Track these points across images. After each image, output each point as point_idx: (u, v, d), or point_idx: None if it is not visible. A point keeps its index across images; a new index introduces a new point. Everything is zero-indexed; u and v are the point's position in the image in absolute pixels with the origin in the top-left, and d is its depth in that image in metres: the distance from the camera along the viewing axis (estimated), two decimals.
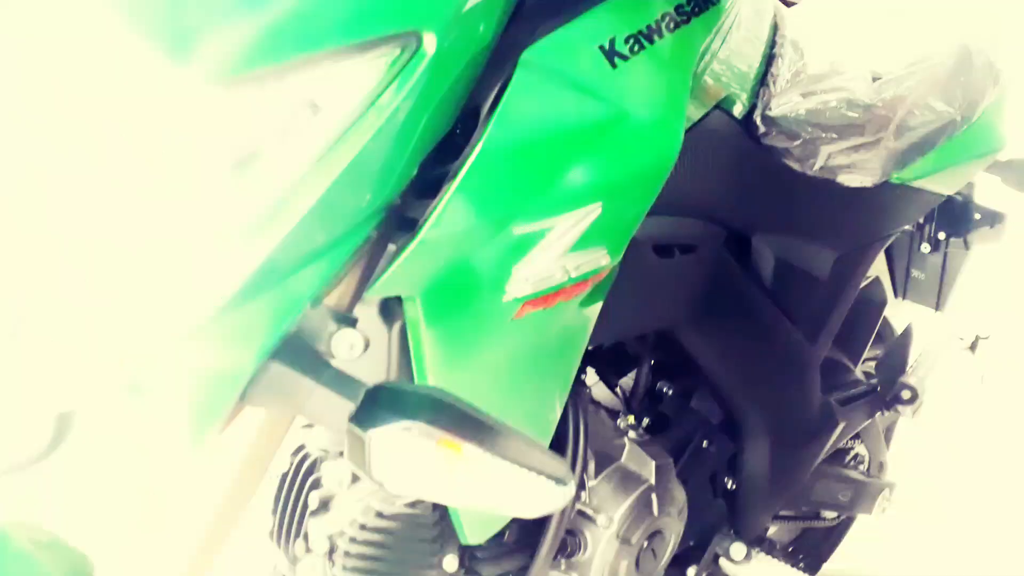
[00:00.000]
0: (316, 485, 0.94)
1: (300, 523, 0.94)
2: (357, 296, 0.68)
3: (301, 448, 0.97)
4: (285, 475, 0.96)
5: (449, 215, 0.64)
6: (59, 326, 0.55)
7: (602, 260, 0.73)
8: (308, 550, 0.93)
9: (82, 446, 0.73)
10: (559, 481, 0.62)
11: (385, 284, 0.66)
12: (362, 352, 0.66)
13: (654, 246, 0.90)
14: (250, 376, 0.59)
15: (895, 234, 1.24)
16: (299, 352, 0.62)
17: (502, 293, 0.69)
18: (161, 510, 0.69)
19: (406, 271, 0.66)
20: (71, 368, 0.55)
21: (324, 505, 0.92)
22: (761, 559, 1.19)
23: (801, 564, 1.77)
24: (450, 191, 0.64)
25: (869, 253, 1.19)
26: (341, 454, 0.94)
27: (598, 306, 0.79)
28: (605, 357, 1.17)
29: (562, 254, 0.70)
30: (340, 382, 0.62)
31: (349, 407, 0.61)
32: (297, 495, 0.94)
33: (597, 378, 1.19)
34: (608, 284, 0.77)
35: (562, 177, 0.67)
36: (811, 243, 1.11)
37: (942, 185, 1.18)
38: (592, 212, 0.69)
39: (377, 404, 0.61)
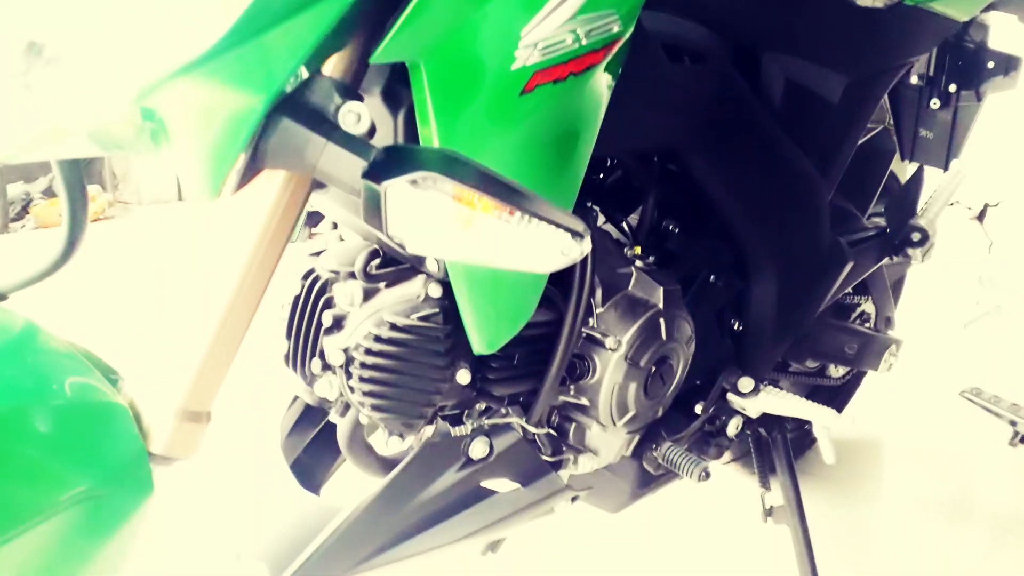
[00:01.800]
0: (328, 305, 0.94)
1: (315, 342, 0.95)
2: (361, 70, 0.67)
3: (311, 272, 0.97)
4: (297, 298, 0.97)
5: None
6: (70, 66, 0.55)
7: (613, 27, 0.71)
8: (324, 367, 0.94)
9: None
10: (576, 234, 0.62)
11: (388, 48, 0.65)
12: (368, 129, 0.65)
13: (663, 45, 0.88)
14: (257, 121, 0.59)
15: (908, 64, 1.22)
16: (308, 113, 0.62)
17: (510, 60, 0.67)
18: (186, 284, 0.69)
19: (409, 33, 0.64)
20: (85, 109, 0.55)
21: (337, 323, 0.93)
22: (769, 391, 1.20)
23: (809, 426, 1.81)
24: None
25: (881, 82, 1.17)
26: (351, 275, 0.94)
27: (609, 89, 0.77)
28: (610, 194, 1.16)
29: (572, 16, 0.68)
30: (351, 141, 0.62)
31: (361, 164, 0.61)
32: (311, 316, 0.95)
33: (604, 218, 1.18)
34: (619, 63, 0.76)
35: None
36: (822, 67, 1.09)
37: (957, 8, 1.15)
38: None
39: (391, 160, 0.60)
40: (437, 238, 0.61)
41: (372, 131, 0.66)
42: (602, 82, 0.77)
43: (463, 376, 0.94)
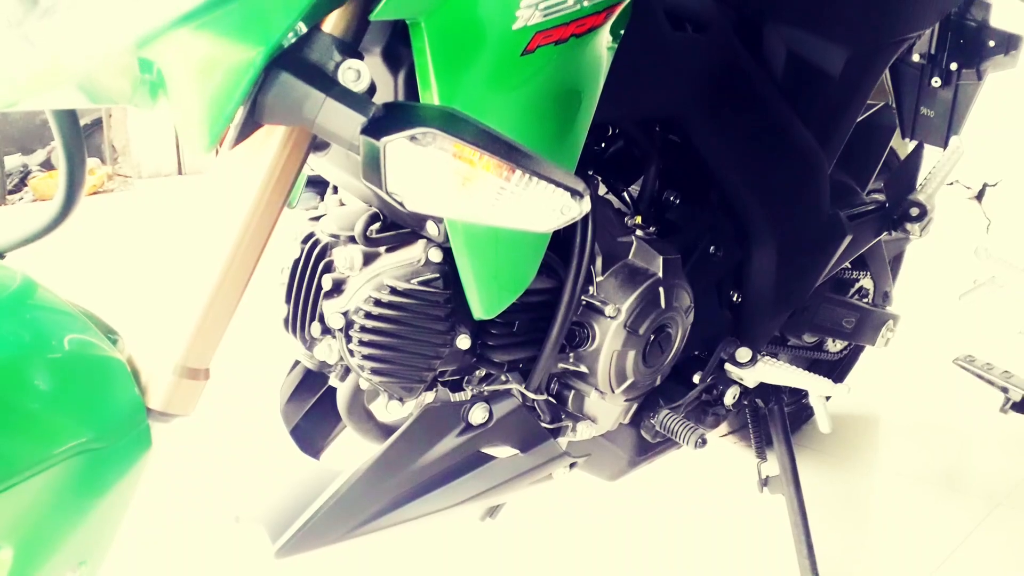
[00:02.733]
0: (328, 269, 0.94)
1: (315, 306, 0.95)
2: (361, 28, 0.67)
3: (311, 236, 0.97)
4: (297, 261, 0.97)
5: None
6: (67, 16, 0.54)
7: None
8: (324, 331, 0.94)
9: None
10: (576, 194, 0.62)
11: (388, 5, 0.64)
12: (368, 87, 0.65)
13: (666, 12, 0.88)
14: (255, 75, 0.58)
15: (909, 39, 1.21)
16: (307, 68, 0.62)
17: (512, 20, 0.67)
18: (185, 242, 0.69)
19: None
20: (82, 60, 0.55)
21: (337, 287, 0.93)
22: (767, 362, 1.20)
23: (805, 400, 1.81)
24: None
25: (882, 56, 1.17)
26: (351, 239, 0.94)
27: (611, 52, 0.77)
28: (611, 163, 1.16)
29: None
30: (350, 96, 0.62)
31: (360, 119, 0.61)
32: (310, 279, 0.95)
33: (605, 187, 1.18)
34: (621, 27, 0.75)
35: None
36: (824, 38, 1.09)
37: None
38: None
39: (390, 116, 0.60)
40: (436, 195, 0.61)
41: (372, 90, 0.66)
42: (604, 45, 0.77)
43: (463, 341, 0.94)
